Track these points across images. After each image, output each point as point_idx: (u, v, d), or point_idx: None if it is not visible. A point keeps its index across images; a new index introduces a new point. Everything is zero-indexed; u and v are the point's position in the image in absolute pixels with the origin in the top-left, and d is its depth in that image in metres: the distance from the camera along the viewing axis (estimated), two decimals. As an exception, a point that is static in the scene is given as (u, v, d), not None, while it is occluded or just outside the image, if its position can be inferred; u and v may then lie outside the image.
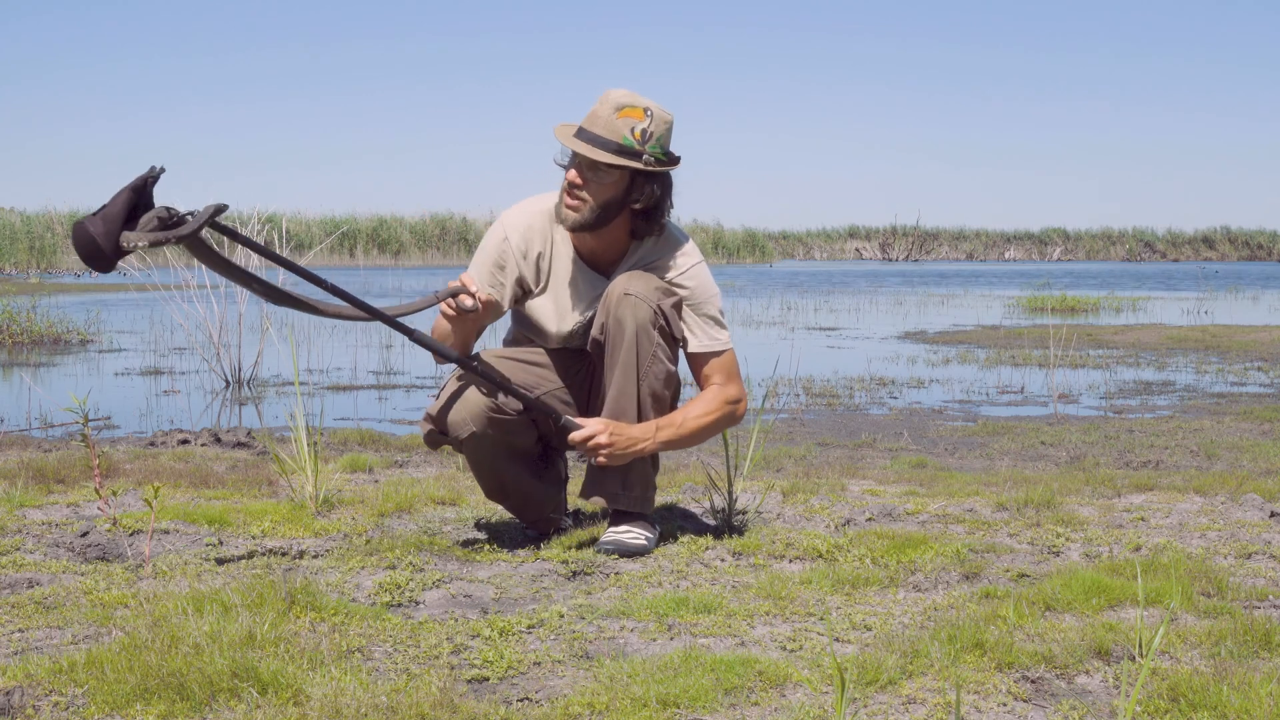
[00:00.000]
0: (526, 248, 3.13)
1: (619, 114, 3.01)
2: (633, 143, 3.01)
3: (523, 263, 3.14)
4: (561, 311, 3.16)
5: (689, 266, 3.16)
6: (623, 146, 3.00)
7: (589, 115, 3.04)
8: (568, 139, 3.04)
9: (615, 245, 3.15)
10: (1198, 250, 50.89)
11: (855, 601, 2.69)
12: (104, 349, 10.23)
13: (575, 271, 3.15)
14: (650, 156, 3.03)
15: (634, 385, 3.04)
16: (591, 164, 3.01)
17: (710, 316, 3.16)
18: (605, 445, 3.00)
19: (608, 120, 3.01)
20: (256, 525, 3.35)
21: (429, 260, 34.61)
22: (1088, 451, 5.26)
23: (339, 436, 5.37)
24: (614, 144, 3.00)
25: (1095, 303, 17.19)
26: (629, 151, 3.01)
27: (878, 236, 49.52)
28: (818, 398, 7.39)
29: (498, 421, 3.05)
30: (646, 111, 3.02)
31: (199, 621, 2.25)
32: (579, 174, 3.02)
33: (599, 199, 3.03)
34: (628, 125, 3.00)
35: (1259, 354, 10.19)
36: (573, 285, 3.15)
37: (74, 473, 4.11)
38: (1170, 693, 2.05)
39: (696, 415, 3.12)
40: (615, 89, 3.06)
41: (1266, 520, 3.54)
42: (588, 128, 3.02)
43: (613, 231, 3.10)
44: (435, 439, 3.13)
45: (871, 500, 3.83)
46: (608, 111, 3.01)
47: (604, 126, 3.01)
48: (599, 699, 2.04)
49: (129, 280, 9.36)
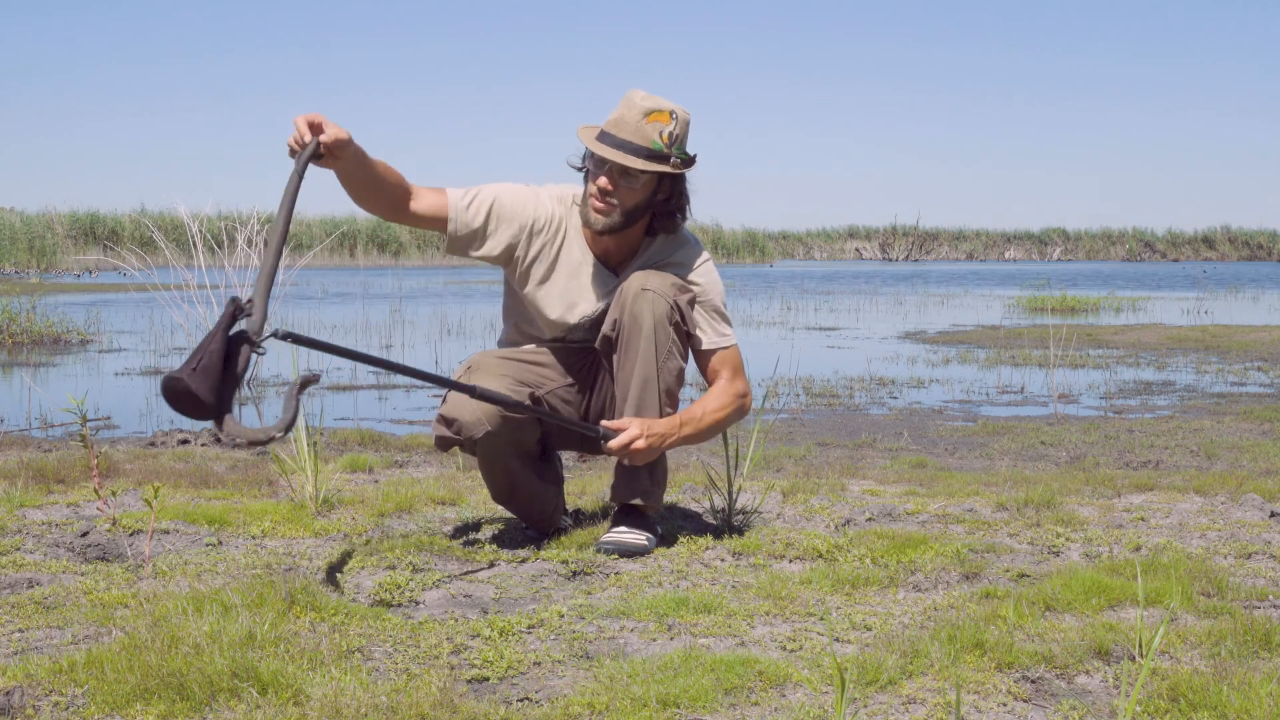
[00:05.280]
0: (538, 230, 3.13)
1: (648, 119, 3.01)
2: (661, 146, 3.03)
3: (524, 239, 3.12)
4: (569, 304, 3.16)
5: (700, 263, 3.20)
6: (653, 151, 3.02)
7: (615, 120, 3.04)
8: (598, 145, 3.03)
9: (630, 243, 3.17)
10: (1198, 250, 50.90)
11: (855, 601, 2.69)
12: (104, 349, 10.22)
13: (587, 266, 3.16)
14: (677, 159, 3.05)
15: (656, 380, 3.05)
16: (623, 170, 3.02)
17: (719, 312, 3.19)
18: (643, 448, 3.01)
19: (637, 125, 3.01)
20: (256, 525, 3.35)
21: (429, 260, 34.62)
22: (1088, 451, 5.26)
23: (339, 436, 5.37)
24: (645, 149, 3.01)
25: (1095, 303, 17.19)
26: (659, 156, 3.03)
27: (878, 236, 49.54)
28: (818, 398, 7.39)
29: (510, 420, 3.05)
30: (672, 115, 3.04)
31: (199, 621, 2.25)
32: (610, 180, 3.03)
33: (628, 203, 3.05)
34: (656, 130, 3.02)
35: (1259, 354, 10.19)
36: (583, 279, 3.16)
37: (74, 473, 4.11)
38: (1170, 693, 2.05)
39: (713, 410, 3.15)
40: (636, 91, 3.06)
41: (1266, 520, 3.54)
42: (616, 133, 3.02)
43: (632, 231, 3.12)
44: (447, 441, 3.10)
45: (871, 500, 3.83)
46: (636, 117, 3.02)
47: (634, 131, 3.01)
48: (599, 699, 2.04)
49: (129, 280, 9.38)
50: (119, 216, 31.27)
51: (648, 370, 3.04)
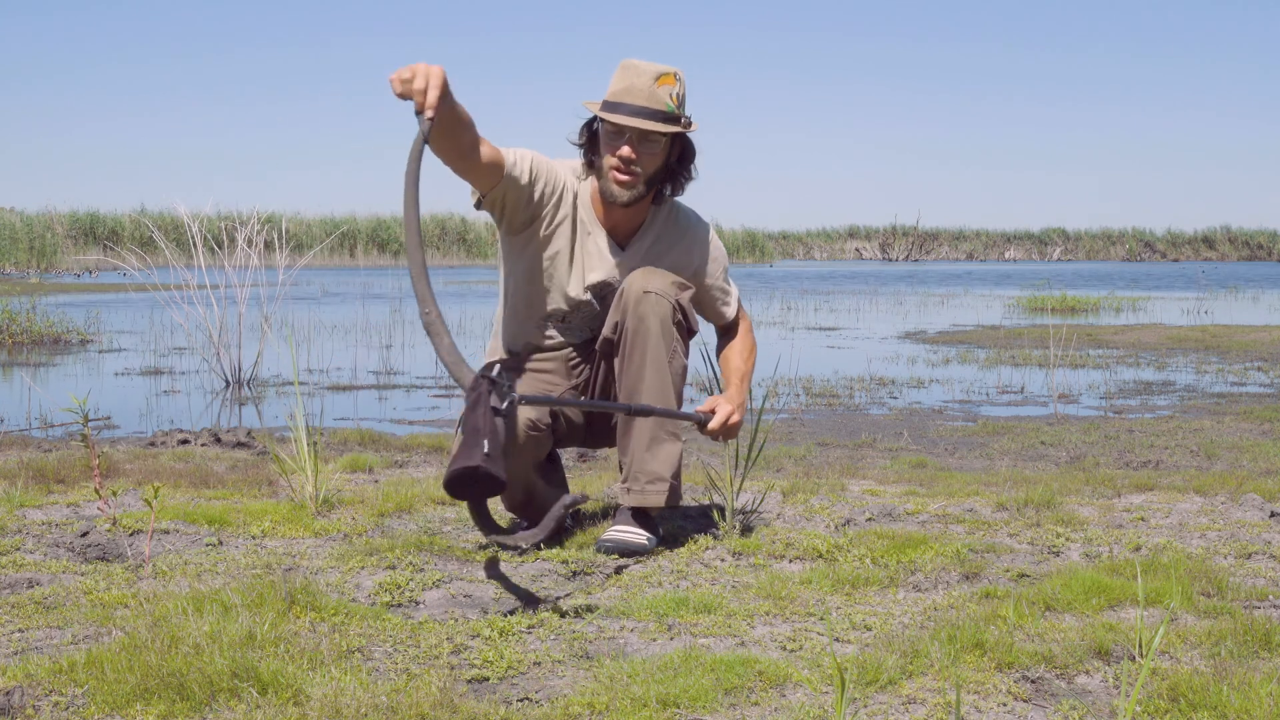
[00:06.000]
0: (562, 196, 3.12)
1: (658, 82, 3.02)
2: (674, 108, 3.05)
3: (553, 201, 3.11)
4: (579, 274, 3.16)
5: (709, 236, 3.30)
6: (668, 114, 3.03)
7: (624, 89, 3.02)
8: (615, 115, 3.00)
9: (638, 215, 3.18)
10: (1198, 250, 50.90)
11: (855, 601, 2.69)
12: (104, 349, 10.22)
13: (599, 239, 3.16)
14: (686, 119, 3.08)
15: (668, 380, 3.06)
16: (642, 136, 3.02)
17: (727, 274, 3.34)
18: (740, 419, 3.09)
19: (649, 90, 3.01)
20: (256, 525, 3.35)
21: (428, 260, 34.54)
22: (1088, 451, 5.26)
23: (339, 436, 5.37)
24: (661, 113, 3.02)
25: (1095, 303, 17.19)
26: (673, 118, 3.05)
27: (878, 236, 49.53)
28: (818, 398, 7.39)
29: (535, 440, 3.06)
30: (677, 76, 3.05)
31: (199, 621, 2.25)
32: (632, 148, 3.03)
33: (649, 170, 3.07)
34: (667, 92, 3.03)
35: (1259, 354, 10.19)
36: (592, 250, 3.17)
37: (74, 473, 4.11)
38: (1170, 693, 2.05)
39: (748, 358, 3.33)
40: (630, 59, 3.05)
41: (1266, 520, 3.54)
42: (630, 101, 3.01)
43: (642, 202, 3.14)
44: None
45: (871, 500, 3.83)
46: (647, 82, 3.01)
47: (648, 97, 3.01)
48: (599, 699, 2.04)
49: (129, 280, 9.37)
50: (119, 216, 31.28)
51: (658, 371, 3.04)
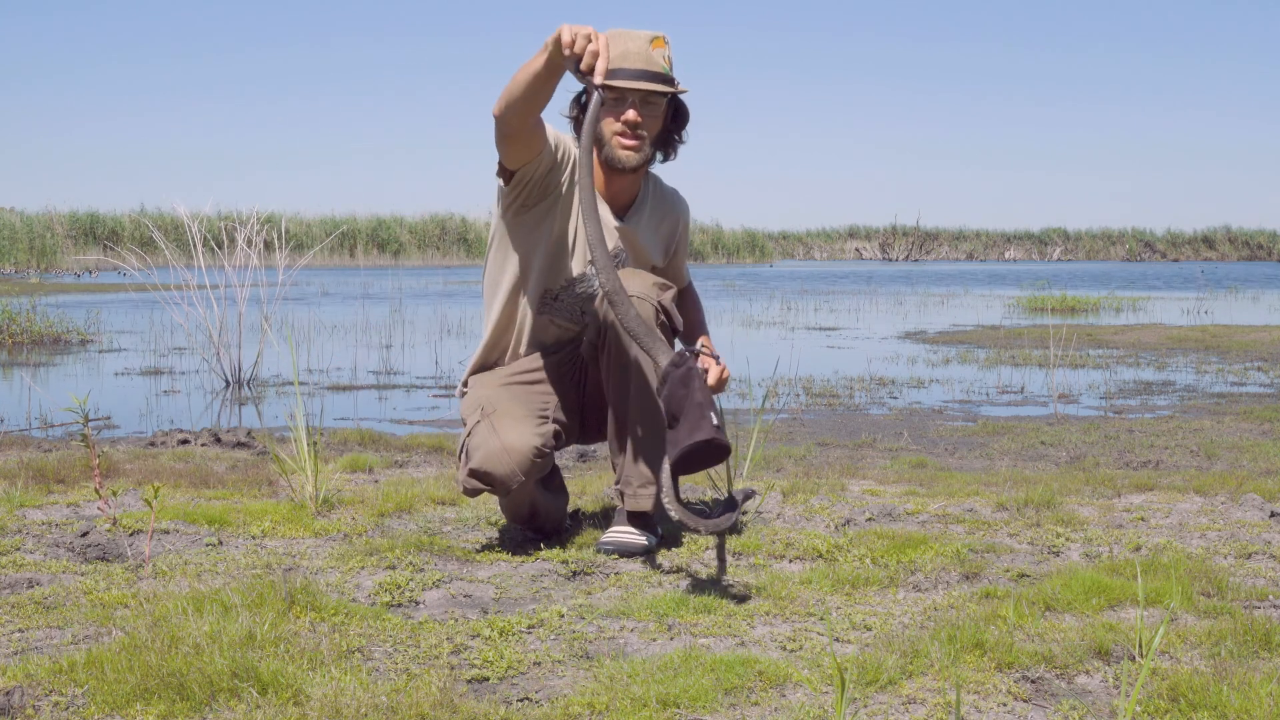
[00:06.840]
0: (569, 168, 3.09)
1: (652, 45, 3.02)
2: (668, 70, 3.05)
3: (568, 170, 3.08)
4: (582, 247, 3.12)
5: (687, 205, 3.35)
6: (665, 76, 3.04)
7: (620, 54, 2.98)
8: (617, 80, 2.96)
9: (634, 185, 3.18)
10: (1198, 250, 50.91)
11: (855, 601, 2.69)
12: (104, 349, 10.22)
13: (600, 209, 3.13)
14: (676, 80, 3.08)
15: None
16: (644, 99, 3.02)
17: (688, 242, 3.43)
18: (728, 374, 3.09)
19: (646, 54, 3.01)
20: (256, 525, 3.35)
21: (428, 260, 34.62)
22: (1088, 451, 5.26)
23: (339, 436, 5.37)
24: (660, 75, 3.03)
25: (1095, 303, 17.19)
26: (670, 80, 3.05)
27: (878, 236, 49.54)
28: (818, 398, 7.39)
29: (541, 463, 3.01)
30: (665, 39, 3.06)
31: (199, 621, 2.25)
32: (638, 112, 3.03)
33: (653, 133, 3.08)
34: (661, 54, 3.04)
35: (1259, 354, 10.19)
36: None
37: (74, 473, 4.11)
38: (1170, 693, 2.05)
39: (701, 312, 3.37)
40: (616, 28, 3.02)
41: (1266, 520, 3.54)
42: (628, 65, 2.99)
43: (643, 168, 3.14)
44: (478, 491, 3.04)
45: (871, 500, 3.83)
46: (641, 45, 3.01)
47: (645, 60, 3.01)
48: (599, 699, 2.04)
49: (129, 280, 9.38)
50: (119, 216, 31.27)
51: (649, 373, 3.03)
